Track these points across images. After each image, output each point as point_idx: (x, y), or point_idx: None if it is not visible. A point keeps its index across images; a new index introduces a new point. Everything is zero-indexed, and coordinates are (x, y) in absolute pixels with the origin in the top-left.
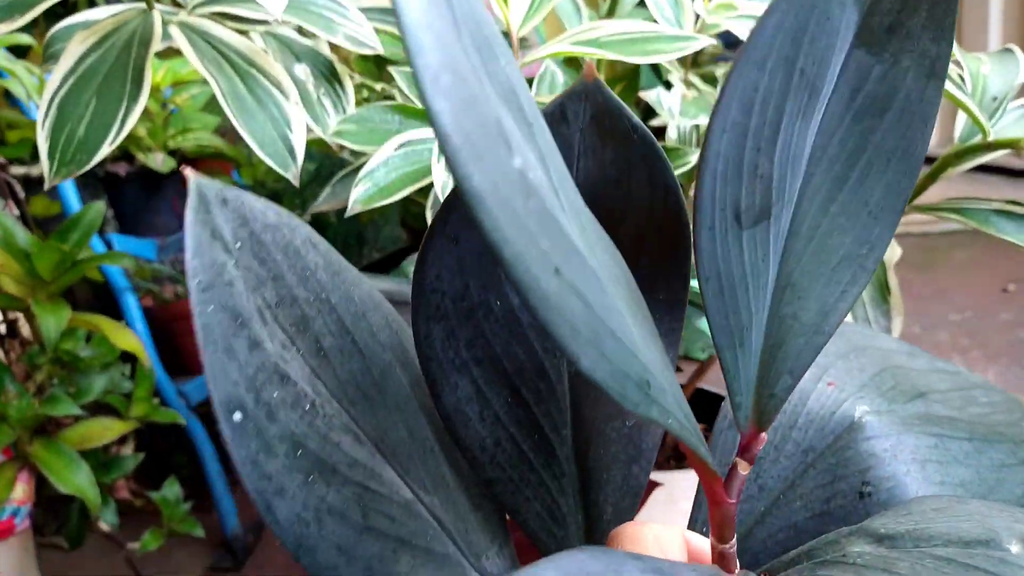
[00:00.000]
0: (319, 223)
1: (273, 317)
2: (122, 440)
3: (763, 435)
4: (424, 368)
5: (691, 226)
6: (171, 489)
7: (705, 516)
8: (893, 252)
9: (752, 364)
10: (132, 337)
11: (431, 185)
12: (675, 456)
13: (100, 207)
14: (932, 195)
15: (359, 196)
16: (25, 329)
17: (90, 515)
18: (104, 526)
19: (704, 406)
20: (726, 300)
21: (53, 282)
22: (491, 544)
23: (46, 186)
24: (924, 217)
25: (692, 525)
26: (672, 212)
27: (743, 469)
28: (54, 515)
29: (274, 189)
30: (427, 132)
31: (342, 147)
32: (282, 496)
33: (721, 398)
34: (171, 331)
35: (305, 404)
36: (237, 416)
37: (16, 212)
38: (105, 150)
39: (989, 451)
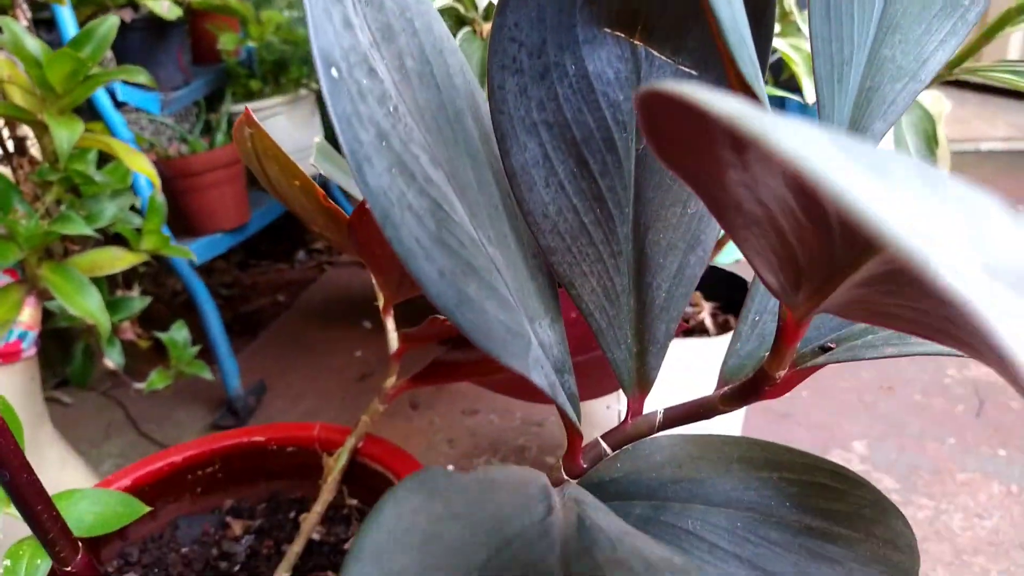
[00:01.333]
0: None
1: (363, 13)
2: (127, 283)
3: None
4: (495, 122)
5: None
6: (179, 332)
7: None
8: (943, 106)
9: (847, 104)
10: (145, 161)
11: None
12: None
13: (115, 20)
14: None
15: None
16: (34, 148)
17: (94, 355)
18: (110, 363)
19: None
20: (831, 25)
21: (65, 95)
22: (544, 314)
23: None
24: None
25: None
26: None
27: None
28: (59, 356)
29: (281, 52)
30: None
31: None
32: (371, 164)
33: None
34: (175, 189)
35: (389, 105)
36: (334, 72)
37: (25, 21)
38: None
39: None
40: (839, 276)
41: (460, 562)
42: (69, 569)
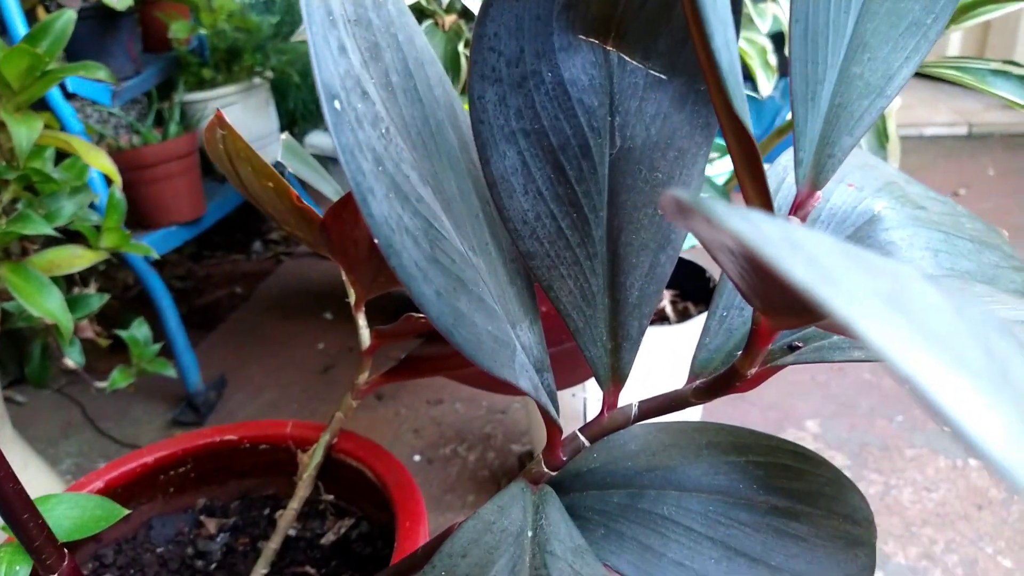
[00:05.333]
0: (280, 88)
1: (353, 33)
2: (84, 281)
3: (817, 194)
4: (475, 131)
5: None
6: (140, 329)
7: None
8: (893, 103)
9: (818, 121)
10: (105, 159)
11: None
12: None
13: (71, 15)
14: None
15: None
16: None
17: (52, 354)
18: (70, 363)
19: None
20: (808, 46)
21: (22, 91)
22: (523, 318)
23: None
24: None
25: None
26: None
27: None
28: (12, 355)
29: (234, 39)
30: None
31: None
32: (373, 195)
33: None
34: (127, 182)
35: (382, 127)
36: (336, 104)
37: None
38: None
39: (987, 252)
40: (820, 318)
41: None
42: None
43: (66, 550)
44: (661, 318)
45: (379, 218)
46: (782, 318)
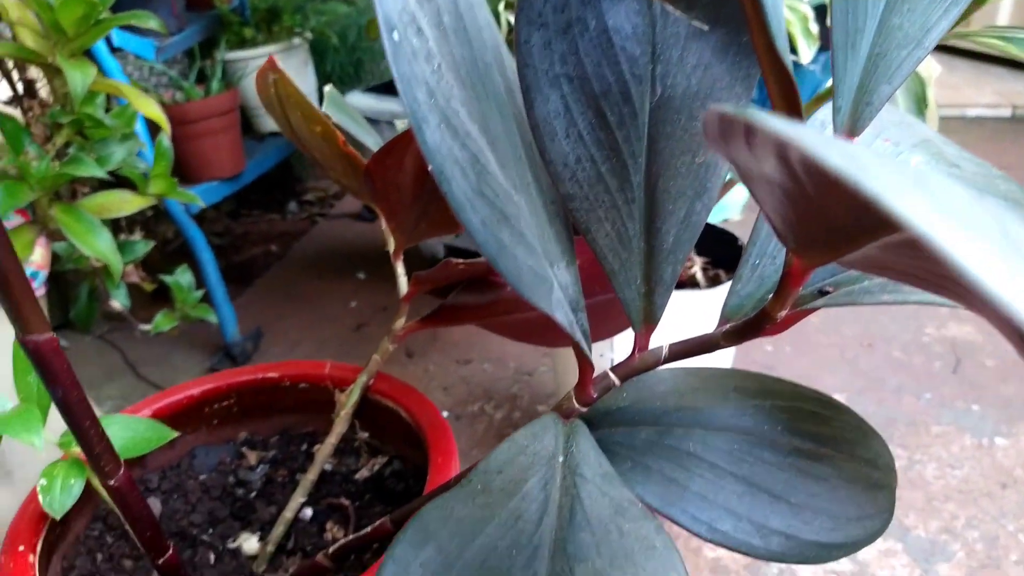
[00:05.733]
0: (318, 50)
1: None
2: (130, 229)
3: (855, 142)
4: (521, 75)
5: None
6: (184, 275)
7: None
8: (932, 70)
9: (857, 69)
10: (154, 105)
11: None
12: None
13: None
14: None
15: None
16: (44, 91)
17: (99, 297)
18: (116, 305)
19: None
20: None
21: (76, 38)
22: (561, 258)
23: None
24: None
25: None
26: None
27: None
28: (58, 300)
29: (273, 3)
30: None
31: None
32: (428, 124)
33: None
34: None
35: (434, 63)
36: (395, 35)
37: None
38: None
39: (1019, 209)
40: (859, 242)
41: None
42: (112, 483)
43: (120, 460)
44: (692, 283)
45: (432, 145)
46: (816, 252)
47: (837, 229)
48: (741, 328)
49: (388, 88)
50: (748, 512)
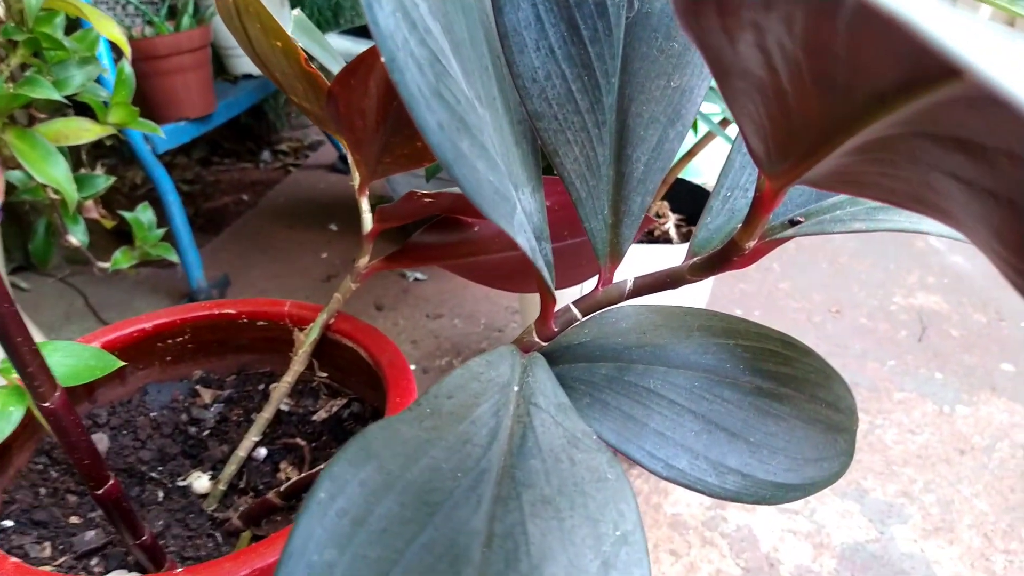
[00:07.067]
0: None
1: None
2: (92, 164)
3: None
4: None
5: None
6: (144, 213)
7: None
8: None
9: None
10: (116, 28)
11: None
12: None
13: None
14: None
15: None
16: None
17: (57, 232)
18: (73, 240)
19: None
20: None
21: None
22: (526, 183)
23: None
24: None
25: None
26: None
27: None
28: (16, 239)
29: None
30: None
31: None
32: (380, 6)
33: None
34: (138, 73)
35: None
36: None
37: None
38: None
39: None
40: (832, 143)
41: (386, 547)
42: (48, 405)
43: (57, 382)
44: (665, 240)
45: (384, 29)
46: (789, 163)
47: (808, 127)
48: (708, 261)
49: (366, 31)
50: (705, 450)
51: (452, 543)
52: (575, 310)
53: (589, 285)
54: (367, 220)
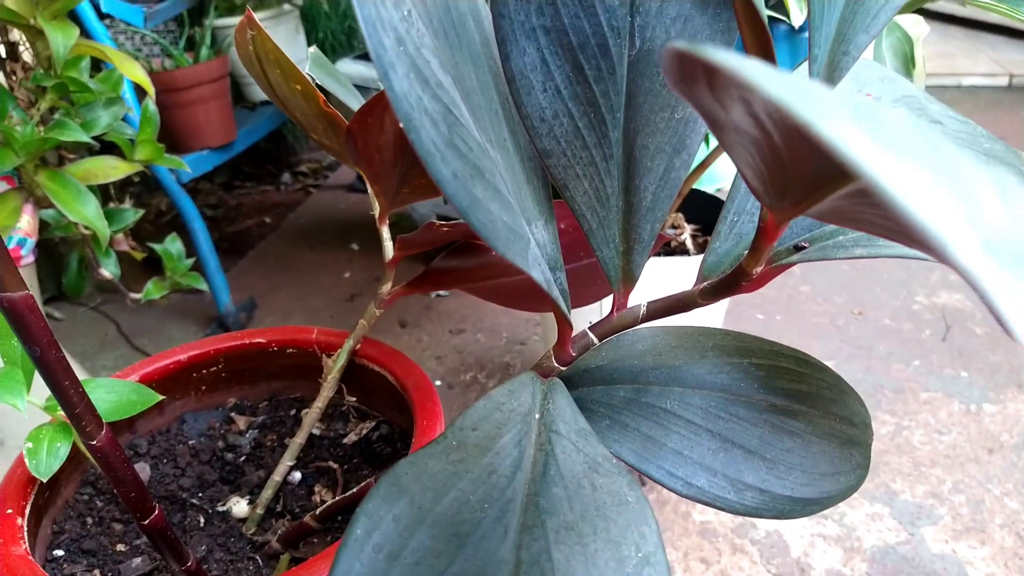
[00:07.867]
0: (309, 17)
1: None
2: (120, 198)
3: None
4: (496, 26)
5: None
6: (173, 244)
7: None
8: (922, 29)
9: (835, 17)
10: (139, 69)
11: None
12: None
13: None
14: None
15: None
16: (26, 55)
17: (89, 265)
18: (106, 273)
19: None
20: None
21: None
22: (539, 216)
23: None
24: None
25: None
26: None
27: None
28: (50, 271)
29: None
30: None
31: None
32: (395, 71)
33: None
34: (158, 105)
35: (404, 9)
36: None
37: None
38: None
39: (996, 167)
40: (823, 192)
41: None
42: (95, 443)
43: (102, 420)
44: (682, 251)
45: (399, 92)
46: (787, 204)
47: (802, 178)
48: (718, 285)
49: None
50: (723, 468)
51: (482, 573)
52: (591, 335)
53: (608, 302)
54: (388, 248)
